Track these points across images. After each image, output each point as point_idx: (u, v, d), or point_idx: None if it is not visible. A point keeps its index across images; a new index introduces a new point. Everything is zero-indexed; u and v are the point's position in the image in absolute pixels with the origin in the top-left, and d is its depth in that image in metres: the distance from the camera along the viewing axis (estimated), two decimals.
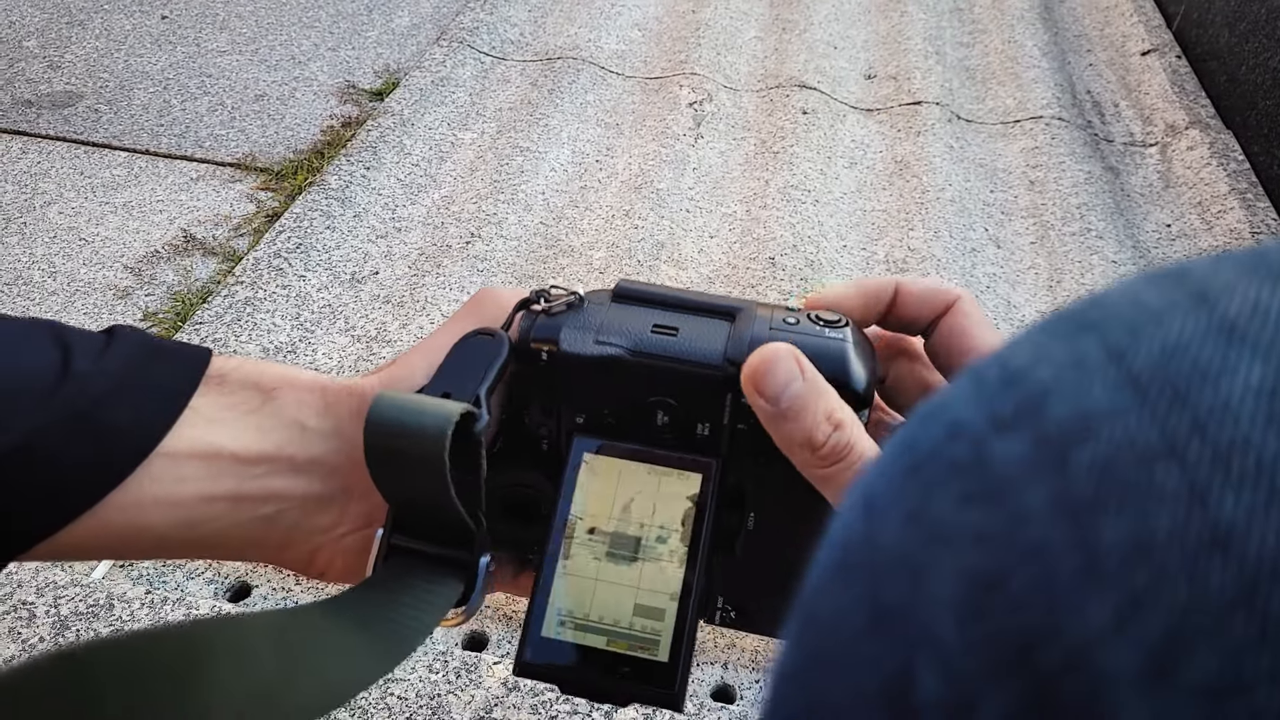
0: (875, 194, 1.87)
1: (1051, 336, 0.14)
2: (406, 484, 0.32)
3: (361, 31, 2.32)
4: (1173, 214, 1.85)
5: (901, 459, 0.14)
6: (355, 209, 1.71)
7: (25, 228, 1.67)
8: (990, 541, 0.12)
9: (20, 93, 1.99)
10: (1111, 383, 0.12)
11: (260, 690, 0.27)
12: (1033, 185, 1.91)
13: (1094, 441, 0.12)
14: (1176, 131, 2.03)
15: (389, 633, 0.31)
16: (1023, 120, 2.09)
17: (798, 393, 0.30)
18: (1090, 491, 0.11)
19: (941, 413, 0.14)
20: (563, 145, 1.92)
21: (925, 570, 0.13)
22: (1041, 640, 0.11)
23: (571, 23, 2.33)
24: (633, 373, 0.35)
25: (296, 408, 0.35)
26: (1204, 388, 0.11)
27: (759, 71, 2.22)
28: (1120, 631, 0.10)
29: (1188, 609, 0.10)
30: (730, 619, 0.40)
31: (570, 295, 0.36)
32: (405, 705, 1.02)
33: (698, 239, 1.72)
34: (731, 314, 0.36)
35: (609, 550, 0.34)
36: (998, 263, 1.73)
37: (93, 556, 0.32)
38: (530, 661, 0.33)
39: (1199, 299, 0.13)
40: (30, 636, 1.06)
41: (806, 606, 0.15)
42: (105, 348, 0.32)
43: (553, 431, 0.37)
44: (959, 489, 0.13)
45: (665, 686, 0.32)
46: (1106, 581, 0.11)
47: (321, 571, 0.36)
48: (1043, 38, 2.39)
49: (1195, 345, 0.12)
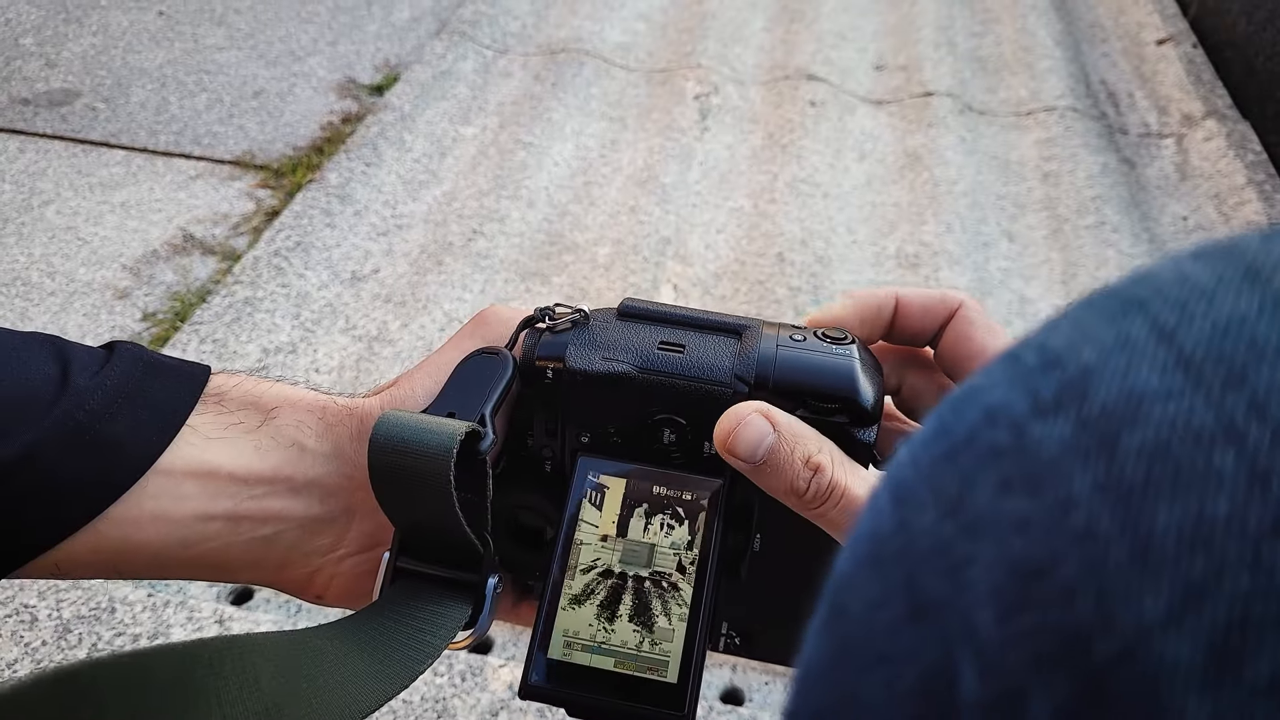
0: (886, 188, 1.84)
1: (1095, 315, 0.13)
2: (412, 505, 0.32)
3: (361, 25, 2.29)
4: (1189, 206, 1.81)
5: (934, 446, 0.14)
6: (356, 206, 1.69)
7: (23, 228, 1.65)
8: (1034, 528, 0.11)
9: (17, 91, 1.96)
10: (1161, 363, 0.12)
11: (263, 710, 0.27)
12: (1046, 178, 1.88)
13: (1144, 424, 0.11)
14: (1193, 122, 1.99)
15: (396, 656, 0.31)
16: (1036, 111, 2.05)
17: (771, 447, 0.31)
18: (1142, 475, 0.11)
19: (977, 397, 0.14)
20: (566, 140, 1.89)
21: (965, 560, 0.12)
22: (1093, 631, 0.10)
23: (574, 15, 2.29)
24: (640, 390, 0.34)
25: (296, 429, 0.34)
26: (1261, 366, 0.11)
27: (766, 63, 2.18)
28: (1178, 622, 0.10)
29: (1251, 598, 0.10)
30: (735, 645, 0.39)
31: (575, 313, 0.36)
32: (410, 709, 1.00)
33: (704, 234, 1.69)
34: (738, 331, 0.36)
35: (621, 559, 0.34)
36: (1011, 257, 1.69)
37: (87, 574, 0.32)
38: (536, 684, 0.32)
39: (1251, 275, 0.12)
40: (33, 640, 1.05)
41: (835, 600, 0.14)
42: (104, 363, 0.32)
43: (556, 452, 0.37)
44: (999, 475, 0.12)
45: (675, 709, 0.32)
46: (1162, 569, 0.10)
47: (319, 594, 0.36)
48: (1056, 27, 2.34)
49: (1250, 323, 0.11)
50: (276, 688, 0.28)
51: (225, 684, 0.27)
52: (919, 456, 0.14)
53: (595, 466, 0.35)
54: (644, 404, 0.34)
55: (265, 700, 0.27)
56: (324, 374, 1.38)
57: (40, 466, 0.29)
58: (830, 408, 0.33)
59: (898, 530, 0.14)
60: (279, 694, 0.28)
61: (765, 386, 0.33)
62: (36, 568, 0.30)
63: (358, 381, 1.37)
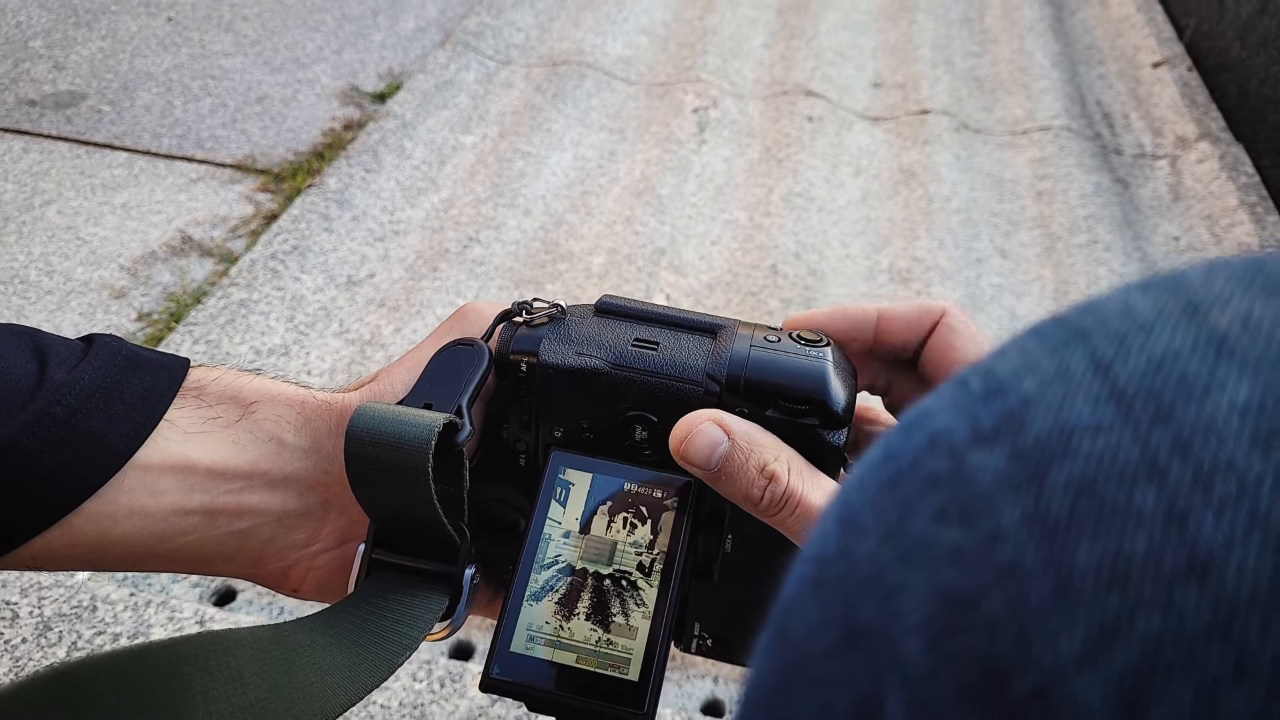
0: (880, 203, 1.85)
1: (1040, 344, 0.13)
2: (388, 497, 0.32)
3: (366, 35, 2.32)
4: (1181, 226, 1.82)
5: (881, 470, 0.14)
6: (354, 211, 1.70)
7: (23, 227, 1.67)
8: (964, 559, 0.11)
9: (24, 92, 1.99)
10: (1095, 396, 0.12)
11: (248, 705, 0.27)
12: (1040, 196, 1.89)
13: (1073, 458, 0.11)
14: (1187, 144, 2.01)
15: (374, 649, 0.31)
16: (1031, 130, 2.06)
17: (724, 454, 0.31)
18: (1066, 511, 0.11)
19: (923, 422, 0.14)
20: (564, 150, 1.90)
21: (898, 588, 0.12)
22: (1011, 667, 0.10)
23: (577, 28, 2.32)
24: (612, 385, 0.34)
25: (274, 423, 0.34)
26: (1189, 404, 0.11)
27: (765, 78, 2.20)
28: (1090, 662, 0.10)
29: (1161, 639, 0.10)
30: (707, 647, 0.39)
31: (552, 308, 0.36)
32: (388, 714, 1.00)
33: (699, 245, 1.70)
34: (713, 331, 0.36)
35: (582, 556, 0.34)
36: (1003, 274, 1.70)
37: (64, 567, 0.32)
38: (497, 677, 0.32)
39: (1190, 310, 0.12)
40: (13, 637, 1.05)
41: (779, 623, 0.14)
42: (82, 356, 0.32)
43: (530, 446, 0.37)
44: (936, 503, 0.12)
45: (635, 707, 0.32)
46: (1079, 607, 0.10)
47: (295, 588, 0.36)
48: (1053, 48, 2.36)
49: (1183, 359, 0.11)
50: (259, 683, 0.28)
51: (211, 681, 0.27)
52: (866, 480, 0.14)
53: (567, 461, 0.35)
54: (616, 400, 0.34)
55: (249, 696, 0.27)
56: (315, 376, 1.39)
57: (17, 460, 0.29)
58: (801, 409, 0.33)
59: (839, 555, 0.13)
60: (262, 689, 0.28)
61: (736, 386, 0.33)
62: (13, 560, 0.30)
63: (348, 385, 1.38)
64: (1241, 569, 0.10)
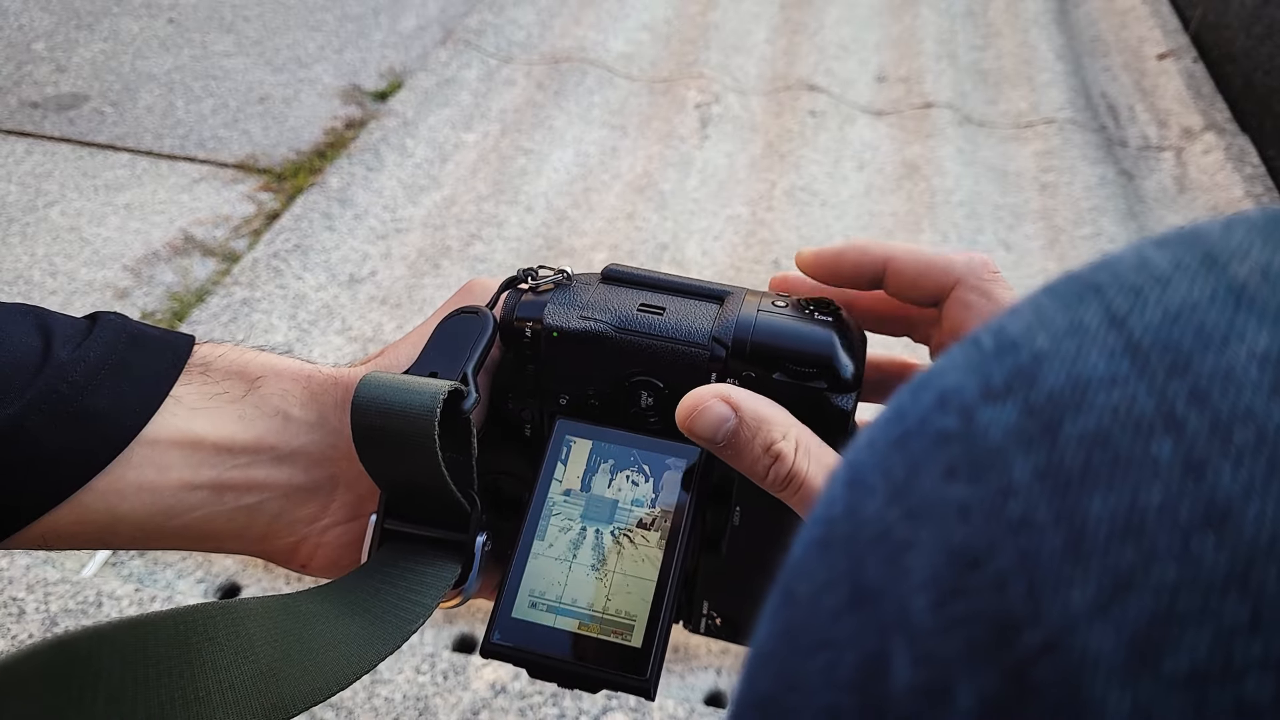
0: (883, 197, 1.84)
1: (1054, 301, 0.13)
2: (396, 465, 0.32)
3: (367, 34, 2.32)
4: (1187, 218, 1.81)
5: (890, 430, 0.14)
6: (355, 210, 1.70)
7: (27, 228, 1.67)
8: (974, 516, 0.11)
9: (27, 95, 1.99)
10: (1110, 349, 0.12)
11: (259, 674, 0.27)
12: (1044, 189, 1.88)
13: (1087, 411, 0.11)
14: (1192, 135, 1.99)
15: (388, 616, 0.31)
16: (1035, 123, 2.05)
17: (731, 430, 0.30)
18: (1080, 464, 0.11)
19: (933, 381, 0.14)
20: (566, 147, 1.90)
21: (906, 547, 0.12)
22: (1021, 621, 0.10)
23: (579, 25, 2.31)
24: (617, 349, 0.34)
25: (281, 397, 0.34)
26: (1206, 354, 0.11)
27: (768, 73, 2.20)
28: (1103, 613, 0.10)
29: (1176, 590, 0.10)
30: (715, 627, 0.38)
31: (558, 274, 0.36)
32: (391, 706, 1.00)
33: (701, 240, 1.70)
34: (720, 297, 0.35)
35: (584, 514, 0.33)
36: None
37: (73, 545, 0.32)
38: (498, 643, 0.32)
39: (1207, 262, 0.12)
40: (19, 633, 1.05)
41: (786, 583, 0.14)
42: (87, 334, 0.32)
43: (535, 415, 0.36)
44: (945, 460, 0.12)
45: (637, 673, 0.31)
46: (1092, 559, 0.10)
47: (303, 564, 0.36)
48: (1057, 40, 2.35)
49: (1200, 310, 0.11)
50: (271, 652, 0.28)
51: (220, 650, 0.27)
52: (875, 440, 0.14)
53: (573, 429, 0.35)
54: (621, 364, 0.34)
55: (260, 664, 0.27)
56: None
57: (23, 439, 0.29)
58: (808, 372, 0.32)
59: (847, 514, 0.13)
60: (273, 658, 0.28)
61: (743, 350, 0.33)
62: (22, 539, 0.30)
63: None
64: (1260, 518, 0.09)
